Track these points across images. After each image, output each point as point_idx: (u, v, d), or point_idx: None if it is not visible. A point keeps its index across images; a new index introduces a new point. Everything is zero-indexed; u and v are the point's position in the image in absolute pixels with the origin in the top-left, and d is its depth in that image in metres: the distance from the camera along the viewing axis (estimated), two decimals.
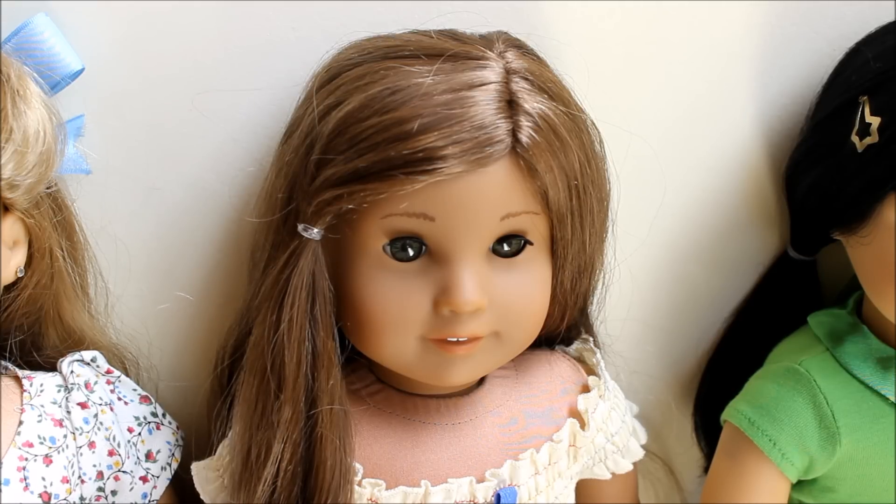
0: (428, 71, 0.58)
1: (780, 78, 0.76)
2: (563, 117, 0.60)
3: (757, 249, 0.81)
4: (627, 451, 0.73)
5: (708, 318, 0.83)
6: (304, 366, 0.61)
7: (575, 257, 0.64)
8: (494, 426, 0.68)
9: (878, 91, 0.67)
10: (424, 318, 0.61)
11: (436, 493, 0.65)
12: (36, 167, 0.60)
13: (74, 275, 0.67)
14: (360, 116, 0.58)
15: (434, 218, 0.59)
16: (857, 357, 0.72)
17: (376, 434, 0.66)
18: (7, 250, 0.62)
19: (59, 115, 0.64)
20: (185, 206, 0.72)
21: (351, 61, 0.61)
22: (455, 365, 0.62)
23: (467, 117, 0.57)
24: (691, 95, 0.76)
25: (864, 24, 0.72)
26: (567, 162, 0.60)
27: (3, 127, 0.58)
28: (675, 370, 0.84)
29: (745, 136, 0.78)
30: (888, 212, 0.66)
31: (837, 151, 0.69)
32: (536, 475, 0.68)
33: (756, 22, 0.75)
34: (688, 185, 0.78)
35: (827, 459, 0.71)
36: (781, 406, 0.71)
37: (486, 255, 0.61)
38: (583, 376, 0.72)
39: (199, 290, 0.74)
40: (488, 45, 0.61)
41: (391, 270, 0.60)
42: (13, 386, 0.65)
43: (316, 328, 0.60)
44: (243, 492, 0.63)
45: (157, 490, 0.69)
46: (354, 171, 0.57)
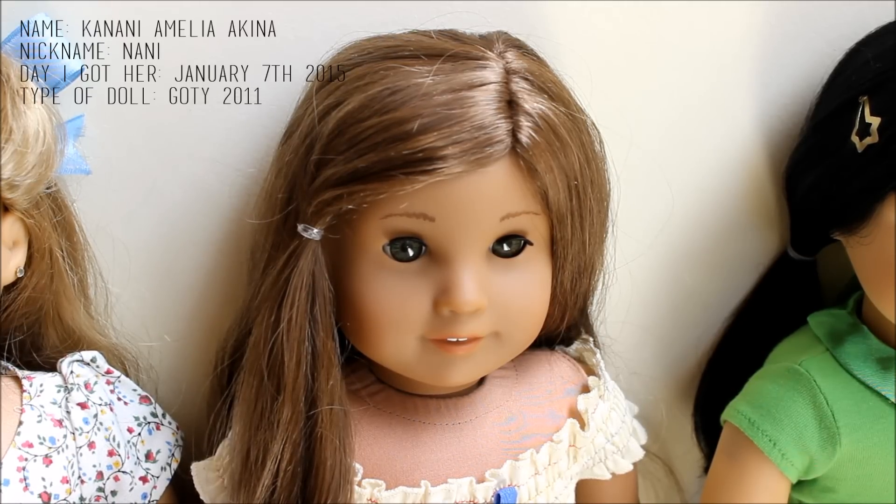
0: (428, 71, 0.58)
1: (780, 78, 0.76)
2: (562, 117, 0.60)
3: (757, 250, 0.81)
4: (627, 451, 0.73)
5: (708, 319, 0.83)
6: (304, 366, 0.61)
7: (575, 257, 0.64)
8: (494, 426, 0.68)
9: (878, 91, 0.67)
10: (424, 318, 0.61)
11: (436, 494, 0.65)
12: (36, 167, 0.60)
13: (74, 275, 0.67)
14: (359, 117, 0.58)
15: (434, 218, 0.59)
16: (857, 357, 0.72)
17: (376, 434, 0.66)
18: (7, 250, 0.62)
19: (58, 115, 0.64)
20: (185, 206, 0.72)
21: (351, 61, 0.61)
22: (455, 365, 0.62)
23: (467, 117, 0.57)
24: (691, 95, 0.76)
25: (864, 24, 0.72)
26: (567, 162, 0.60)
27: (2, 127, 0.58)
28: (675, 370, 0.84)
29: (745, 136, 0.77)
30: (888, 212, 0.66)
31: (837, 151, 0.69)
32: (536, 475, 0.68)
33: (756, 22, 0.74)
34: (688, 186, 0.78)
35: (827, 460, 0.71)
36: (781, 406, 0.71)
37: (486, 255, 0.61)
38: (583, 376, 0.72)
39: (198, 291, 0.74)
40: (488, 46, 0.61)
41: (391, 271, 0.60)
42: (13, 386, 0.65)
43: (316, 328, 0.60)
44: (243, 492, 0.63)
45: (156, 490, 0.69)
46: (354, 171, 0.57)
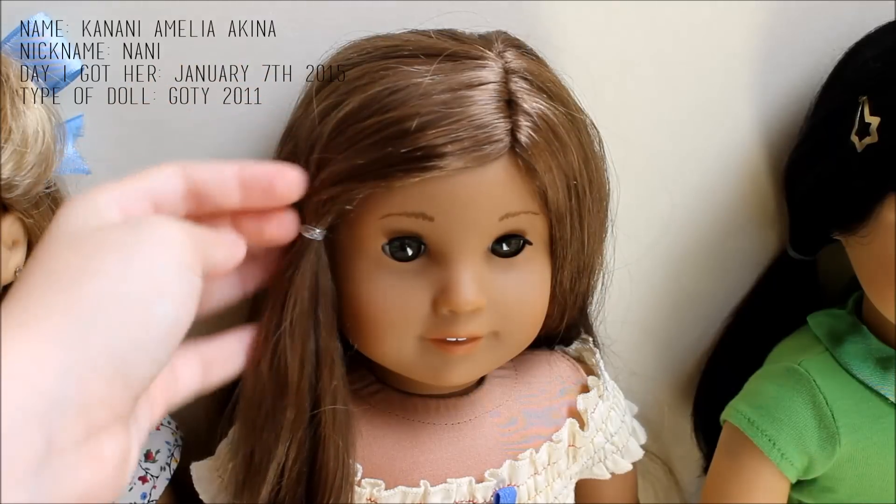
0: (427, 70, 0.58)
1: (780, 78, 0.76)
2: (562, 117, 0.60)
3: (757, 249, 0.81)
4: (627, 451, 0.73)
5: (707, 319, 0.83)
6: (308, 366, 0.60)
7: (574, 257, 0.64)
8: (494, 426, 0.68)
9: (877, 91, 0.67)
10: (423, 318, 0.60)
11: (435, 494, 0.65)
12: (35, 167, 0.60)
13: None
14: (359, 116, 0.58)
15: (433, 218, 0.59)
16: (856, 357, 0.72)
17: (375, 434, 0.66)
18: (6, 250, 0.62)
19: (58, 115, 0.64)
20: None
21: (350, 61, 0.61)
22: (454, 365, 0.62)
23: (466, 116, 0.57)
24: (691, 95, 0.76)
25: (864, 24, 0.72)
26: (566, 162, 0.60)
27: (2, 127, 0.58)
28: (675, 370, 0.84)
29: (745, 136, 0.78)
30: (888, 212, 0.66)
31: (837, 151, 0.69)
32: (536, 475, 0.68)
33: (756, 22, 0.75)
34: (687, 185, 0.78)
35: (826, 459, 0.71)
36: (781, 406, 0.71)
37: (485, 255, 0.61)
38: (582, 376, 0.72)
39: None
40: (487, 45, 0.61)
41: (390, 270, 0.60)
42: None
43: (319, 328, 0.60)
44: (247, 493, 0.62)
45: (156, 490, 0.69)
46: (353, 169, 0.57)
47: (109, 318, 0.42)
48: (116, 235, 0.45)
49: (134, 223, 0.46)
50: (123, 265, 0.43)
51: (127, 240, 0.44)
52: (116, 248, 0.44)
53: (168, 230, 0.46)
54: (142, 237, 0.45)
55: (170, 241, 0.45)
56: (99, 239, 0.44)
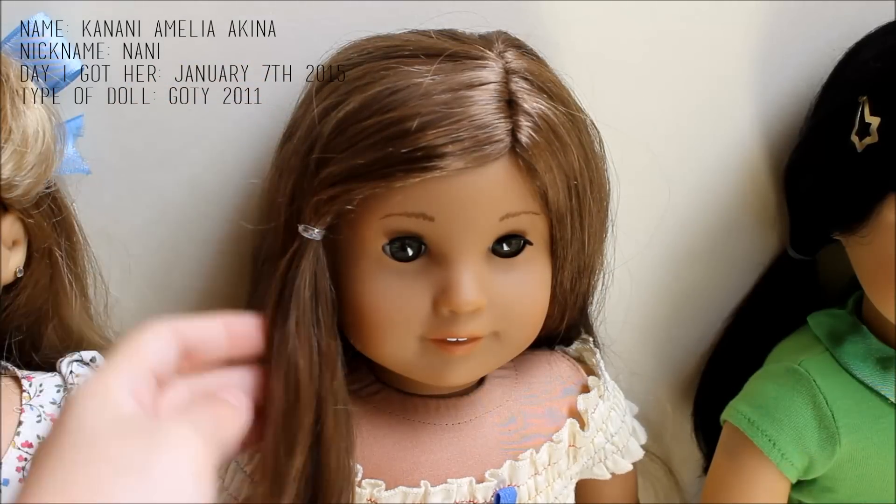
0: (427, 70, 0.58)
1: (780, 78, 0.76)
2: (562, 117, 0.60)
3: (757, 249, 0.81)
4: (627, 451, 0.73)
5: (707, 319, 0.83)
6: (315, 367, 0.60)
7: (574, 257, 0.64)
8: (494, 426, 0.68)
9: (877, 91, 0.67)
10: (424, 318, 0.60)
11: (435, 494, 0.65)
12: (35, 167, 0.60)
13: (73, 275, 0.67)
14: (359, 116, 0.58)
15: (433, 218, 0.59)
16: (856, 357, 0.72)
17: (376, 434, 0.66)
18: (6, 250, 0.62)
19: (58, 115, 0.64)
20: (185, 207, 0.72)
21: (350, 61, 0.61)
22: (455, 365, 0.62)
23: (466, 116, 0.57)
24: (691, 95, 0.76)
25: (864, 24, 0.72)
26: (566, 162, 0.60)
27: (2, 127, 0.58)
28: (675, 370, 0.84)
29: (745, 136, 0.78)
30: (888, 212, 0.66)
31: (837, 151, 0.69)
32: (536, 475, 0.68)
33: (756, 22, 0.75)
34: (688, 185, 0.78)
35: (827, 459, 0.71)
36: (781, 406, 0.71)
37: (486, 255, 0.61)
38: (582, 376, 0.72)
39: (198, 290, 0.74)
40: (488, 45, 0.61)
41: (391, 270, 0.60)
42: (12, 386, 0.65)
43: (319, 328, 0.60)
44: (269, 493, 0.61)
45: None
46: (354, 169, 0.57)
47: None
48: (133, 451, 0.43)
49: (148, 434, 0.44)
50: (143, 492, 0.42)
51: (145, 460, 0.43)
52: (135, 471, 0.43)
53: (184, 441, 0.45)
54: (160, 453, 0.44)
55: (186, 455, 0.44)
56: (116, 453, 0.43)
